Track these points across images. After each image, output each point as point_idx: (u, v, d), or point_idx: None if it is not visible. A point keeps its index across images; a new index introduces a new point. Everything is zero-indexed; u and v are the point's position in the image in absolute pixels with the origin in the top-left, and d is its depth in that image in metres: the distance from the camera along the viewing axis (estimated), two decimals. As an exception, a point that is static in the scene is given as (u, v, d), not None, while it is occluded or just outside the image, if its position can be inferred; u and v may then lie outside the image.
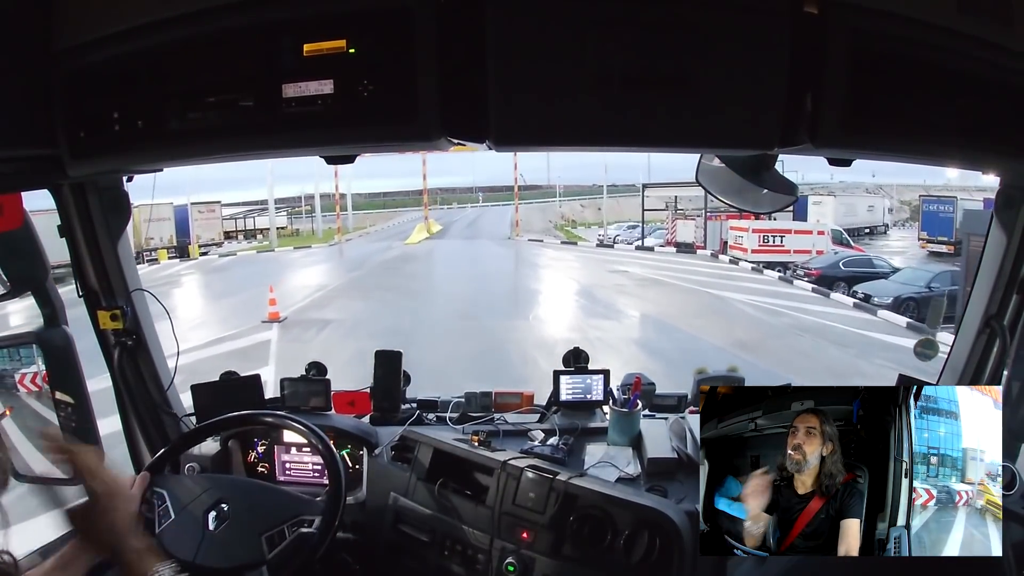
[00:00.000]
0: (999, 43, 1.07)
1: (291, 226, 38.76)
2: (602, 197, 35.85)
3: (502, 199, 50.77)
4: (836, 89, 1.03)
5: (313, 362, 2.15)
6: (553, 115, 1.04)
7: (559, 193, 46.88)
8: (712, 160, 1.35)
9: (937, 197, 23.87)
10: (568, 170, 47.57)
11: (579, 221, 41.77)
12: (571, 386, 2.06)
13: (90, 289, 1.73)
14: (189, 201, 25.51)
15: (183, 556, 1.43)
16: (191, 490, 1.55)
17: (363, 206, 49.27)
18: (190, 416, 2.00)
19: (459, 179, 57.49)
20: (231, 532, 1.49)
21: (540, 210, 43.48)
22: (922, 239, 22.84)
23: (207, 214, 27.51)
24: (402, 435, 1.92)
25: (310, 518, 1.52)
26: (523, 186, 44.57)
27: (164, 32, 1.08)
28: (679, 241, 24.50)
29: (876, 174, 38.77)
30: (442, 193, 55.92)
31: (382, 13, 1.01)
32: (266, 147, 1.11)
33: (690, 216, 24.45)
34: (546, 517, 1.60)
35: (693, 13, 1.00)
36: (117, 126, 1.12)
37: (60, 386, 1.68)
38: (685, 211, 24.70)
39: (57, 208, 1.62)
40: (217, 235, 28.50)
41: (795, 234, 19.97)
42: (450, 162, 55.74)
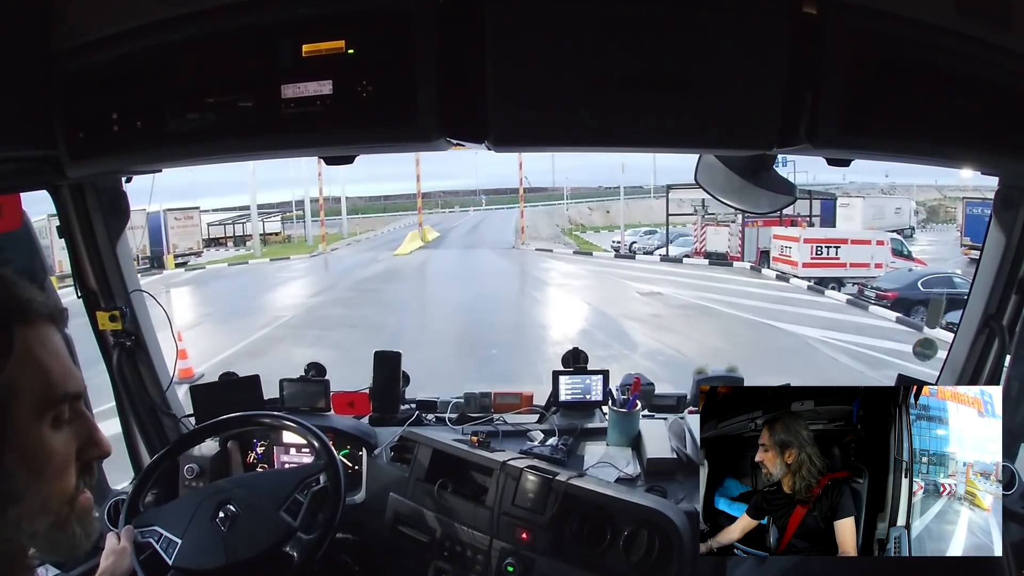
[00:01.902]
0: (997, 43, 1.07)
1: (285, 231, 36.65)
2: (610, 199, 33.93)
3: (506, 202, 49.02)
4: (834, 89, 1.03)
5: (312, 363, 2.15)
6: (552, 116, 1.04)
7: (566, 196, 45.14)
8: (711, 160, 1.35)
9: (982, 199, 20.59)
10: (574, 172, 46.24)
11: (587, 225, 39.70)
12: (570, 386, 2.06)
13: (89, 290, 1.73)
14: (162, 208, 22.72)
15: (214, 564, 1.44)
16: (186, 508, 1.54)
17: (363, 210, 48.30)
18: (189, 417, 2.00)
19: (462, 182, 56.48)
20: (247, 522, 1.50)
21: (547, 213, 40.62)
22: (965, 245, 20.25)
23: (184, 221, 24.71)
24: (401, 436, 1.92)
25: (315, 475, 1.56)
26: (528, 188, 42.01)
27: (163, 33, 1.08)
28: (710, 251, 21.08)
29: (889, 174, 37.49)
30: (444, 196, 54.71)
31: (381, 14, 1.02)
32: (265, 148, 1.11)
33: (723, 222, 20.75)
34: (545, 518, 1.60)
35: (692, 14, 1.00)
36: (116, 127, 1.13)
37: None
38: (717, 216, 21.04)
39: (56, 209, 1.62)
40: (196, 244, 25.70)
41: (851, 244, 16.80)
42: (452, 164, 54.88)
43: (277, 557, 1.48)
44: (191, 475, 1.88)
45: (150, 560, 1.48)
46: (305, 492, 1.54)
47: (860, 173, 21.19)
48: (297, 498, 1.53)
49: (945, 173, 7.36)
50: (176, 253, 23.62)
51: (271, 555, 1.46)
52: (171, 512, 1.55)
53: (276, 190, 41.95)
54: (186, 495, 1.66)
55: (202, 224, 28.23)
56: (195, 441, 1.82)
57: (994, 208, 1.57)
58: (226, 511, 1.51)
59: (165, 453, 1.70)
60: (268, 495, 1.54)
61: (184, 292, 16.68)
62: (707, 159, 1.36)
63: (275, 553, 1.47)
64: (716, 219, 21.18)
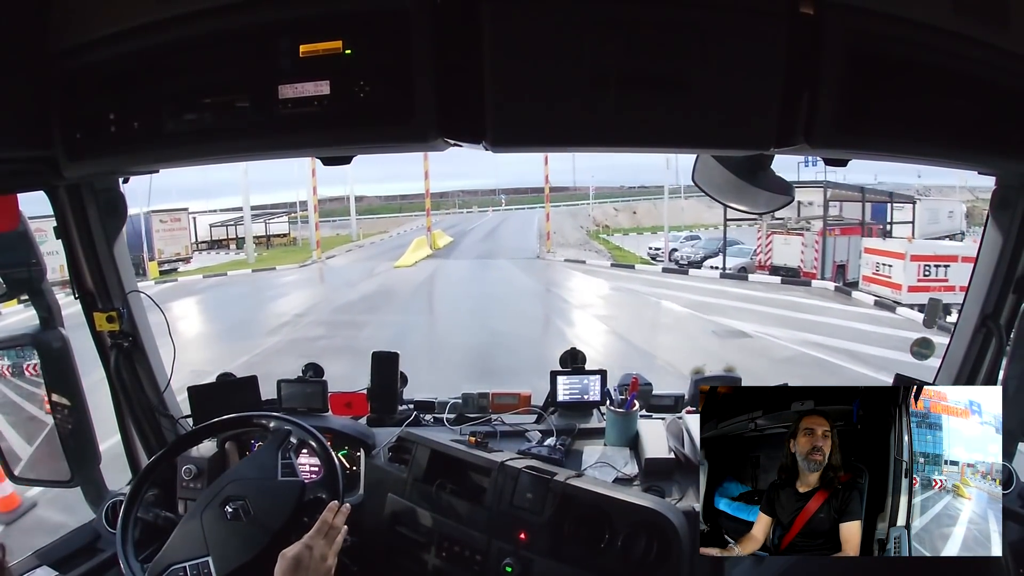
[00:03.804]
0: (994, 43, 1.08)
1: (292, 233, 34.25)
2: (636, 199, 31.37)
3: (527, 202, 47.15)
4: (832, 89, 1.03)
5: (310, 363, 2.15)
6: (550, 116, 1.04)
7: (591, 196, 41.60)
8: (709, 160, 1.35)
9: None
10: (594, 171, 43.76)
11: (613, 227, 36.29)
12: (568, 387, 2.06)
13: (86, 291, 1.72)
14: (143, 211, 19.45)
15: (249, 556, 1.44)
16: (193, 526, 1.52)
17: (378, 209, 46.94)
18: (187, 418, 1.99)
19: (480, 181, 55.28)
20: (256, 505, 1.51)
21: (570, 215, 37.26)
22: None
23: (171, 224, 22.31)
24: (399, 436, 1.92)
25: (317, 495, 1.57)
26: (550, 188, 40.42)
27: (160, 33, 1.08)
28: (778, 264, 17.44)
29: (921, 175, 34.85)
30: (463, 196, 53.34)
31: (379, 14, 1.01)
32: (262, 148, 1.11)
33: (794, 229, 17.47)
34: (544, 518, 1.60)
35: (689, 14, 1.00)
36: (113, 127, 1.12)
37: (56, 388, 1.68)
38: (786, 221, 17.85)
39: (53, 210, 1.61)
40: (184, 249, 23.22)
41: (962, 262, 13.22)
42: (471, 163, 53.64)
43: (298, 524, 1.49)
44: (189, 476, 1.88)
45: (141, 545, 1.52)
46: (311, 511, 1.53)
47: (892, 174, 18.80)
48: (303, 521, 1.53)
49: (975, 175, 6.93)
50: (161, 259, 21.61)
51: (296, 522, 1.50)
52: (180, 539, 1.51)
53: (282, 190, 40.35)
54: (182, 518, 1.60)
55: (192, 226, 25.89)
56: (193, 442, 1.82)
57: (991, 208, 1.57)
58: (233, 506, 1.50)
59: (163, 454, 1.70)
60: (261, 473, 1.57)
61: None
62: (705, 159, 1.36)
63: (297, 521, 1.50)
64: (786, 226, 17.70)
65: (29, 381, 1.70)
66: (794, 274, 16.73)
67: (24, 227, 1.55)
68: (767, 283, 16.41)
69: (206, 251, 29.03)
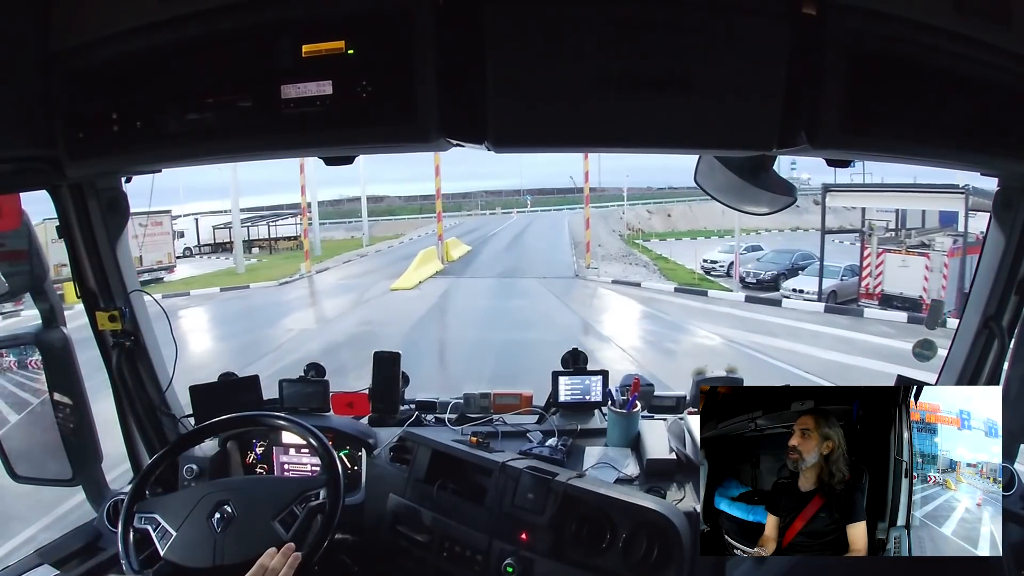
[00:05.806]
0: (996, 44, 1.07)
1: (301, 237, 30.22)
2: (668, 201, 27.29)
3: (553, 203, 43.98)
4: (834, 90, 1.03)
5: (312, 363, 2.15)
6: (551, 116, 1.04)
7: (625, 198, 36.86)
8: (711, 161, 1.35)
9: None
10: (619, 172, 40.43)
11: (647, 231, 31.50)
12: (570, 387, 2.06)
13: (88, 290, 1.73)
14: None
15: (202, 564, 1.46)
16: (186, 502, 1.56)
17: (398, 211, 44.90)
18: (188, 417, 2.00)
19: (505, 182, 52.66)
20: (241, 527, 1.51)
21: (600, 217, 31.75)
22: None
23: (152, 228, 19.38)
24: (401, 436, 1.92)
25: (315, 491, 1.57)
26: (571, 189, 36.51)
27: (162, 33, 1.08)
28: (890, 292, 13.19)
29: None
30: (486, 196, 50.60)
31: (381, 14, 1.02)
32: (264, 148, 1.11)
33: (913, 248, 13.41)
34: (545, 518, 1.59)
35: (691, 15, 1.00)
36: (115, 127, 1.13)
37: (58, 387, 1.68)
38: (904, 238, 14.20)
39: (55, 209, 1.62)
40: (167, 256, 20.82)
41: None
42: (495, 163, 51.44)
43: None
44: (190, 475, 1.89)
45: (142, 545, 1.51)
46: (303, 506, 1.55)
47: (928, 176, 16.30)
48: (294, 510, 1.54)
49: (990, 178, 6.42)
50: (139, 269, 18.00)
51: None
52: (172, 503, 1.58)
53: (292, 191, 39.53)
54: (190, 489, 1.68)
55: (195, 227, 25.01)
56: (194, 441, 1.82)
57: (993, 209, 1.57)
58: (223, 512, 1.52)
59: (164, 453, 1.70)
60: (266, 503, 1.55)
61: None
62: (707, 160, 1.36)
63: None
64: (904, 243, 13.69)
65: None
66: (915, 307, 12.57)
67: (27, 226, 1.55)
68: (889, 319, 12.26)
69: (208, 255, 28.00)
